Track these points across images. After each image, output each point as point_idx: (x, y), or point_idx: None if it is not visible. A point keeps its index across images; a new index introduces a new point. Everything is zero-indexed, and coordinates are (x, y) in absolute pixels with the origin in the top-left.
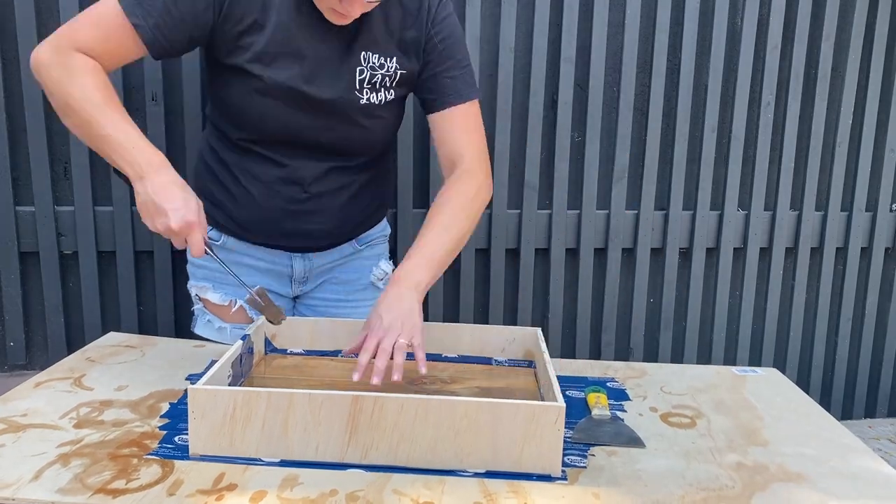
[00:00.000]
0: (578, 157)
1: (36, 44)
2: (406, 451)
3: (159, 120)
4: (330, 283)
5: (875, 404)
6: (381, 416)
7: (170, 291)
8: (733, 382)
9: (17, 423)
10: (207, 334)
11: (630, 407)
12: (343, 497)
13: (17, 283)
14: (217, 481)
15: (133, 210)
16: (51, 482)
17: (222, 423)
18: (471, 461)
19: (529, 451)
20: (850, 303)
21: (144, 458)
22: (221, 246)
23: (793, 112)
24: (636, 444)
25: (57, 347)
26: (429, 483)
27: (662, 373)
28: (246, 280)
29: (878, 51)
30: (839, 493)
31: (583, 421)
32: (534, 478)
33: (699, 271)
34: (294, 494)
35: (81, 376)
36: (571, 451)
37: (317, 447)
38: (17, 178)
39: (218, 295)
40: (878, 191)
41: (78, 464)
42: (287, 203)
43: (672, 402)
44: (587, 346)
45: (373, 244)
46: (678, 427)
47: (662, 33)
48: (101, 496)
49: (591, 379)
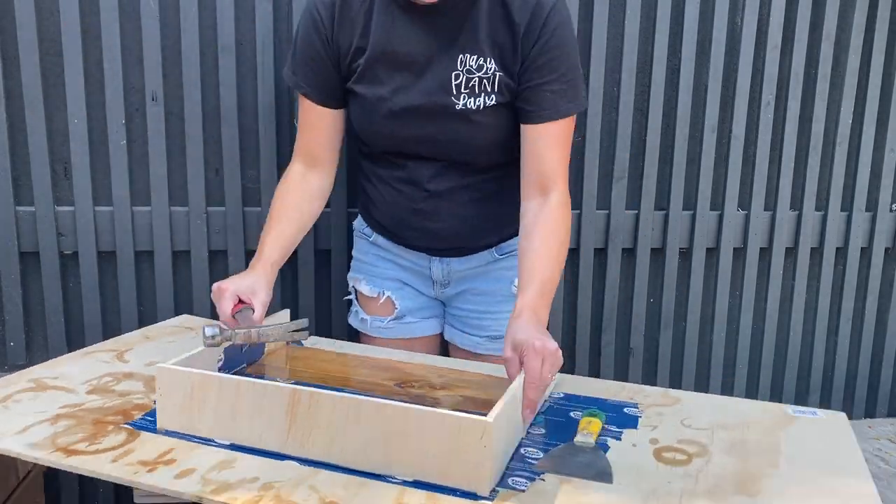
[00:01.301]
0: (578, 157)
1: (36, 44)
2: (339, 450)
3: (159, 120)
4: (471, 294)
5: (875, 404)
6: (316, 411)
7: (170, 291)
8: (775, 422)
9: (43, 384)
10: (354, 324)
11: (629, 436)
12: (258, 486)
13: (17, 283)
14: (162, 455)
15: (133, 210)
16: (30, 436)
17: (182, 403)
18: (400, 468)
19: (457, 466)
20: (849, 303)
21: (122, 426)
22: (373, 243)
23: (793, 112)
24: (603, 478)
25: (57, 347)
26: (349, 484)
27: (696, 404)
28: (390, 274)
29: (878, 51)
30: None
31: (560, 447)
32: (458, 493)
33: (699, 271)
34: (217, 476)
35: (126, 350)
36: (519, 472)
37: (260, 435)
38: (17, 178)
39: (368, 287)
40: (878, 191)
41: (63, 424)
42: (410, 202)
43: (682, 436)
44: (587, 346)
45: (515, 254)
46: (667, 464)
47: (662, 33)
48: (59, 454)
49: (610, 402)
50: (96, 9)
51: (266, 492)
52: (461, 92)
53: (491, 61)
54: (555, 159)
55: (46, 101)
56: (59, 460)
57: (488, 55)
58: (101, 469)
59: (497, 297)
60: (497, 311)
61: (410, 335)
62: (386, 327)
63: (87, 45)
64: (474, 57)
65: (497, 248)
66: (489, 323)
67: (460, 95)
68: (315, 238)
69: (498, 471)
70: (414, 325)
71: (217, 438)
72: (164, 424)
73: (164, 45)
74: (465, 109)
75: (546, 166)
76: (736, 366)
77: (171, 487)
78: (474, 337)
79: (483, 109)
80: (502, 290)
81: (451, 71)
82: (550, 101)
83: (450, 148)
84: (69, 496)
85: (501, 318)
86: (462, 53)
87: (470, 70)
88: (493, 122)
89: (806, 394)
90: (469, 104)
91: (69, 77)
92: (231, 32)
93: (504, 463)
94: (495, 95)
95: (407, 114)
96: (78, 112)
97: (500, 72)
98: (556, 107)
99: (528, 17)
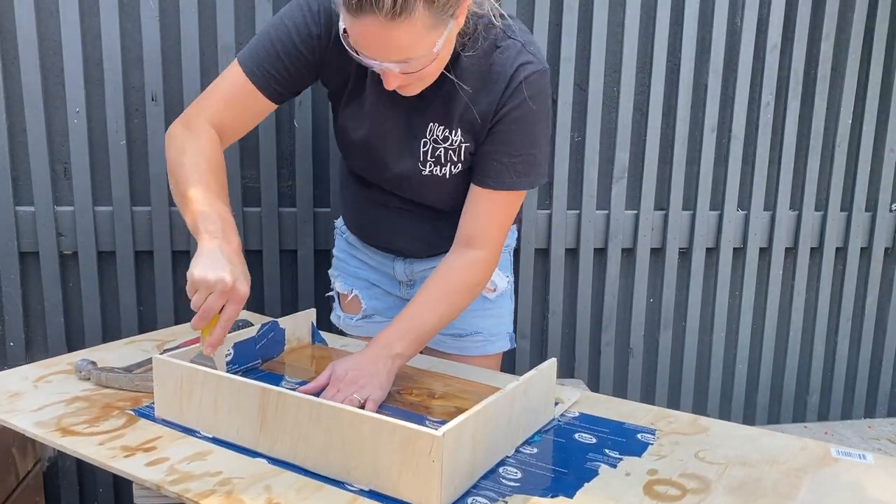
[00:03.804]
0: (578, 157)
1: (36, 43)
2: (304, 451)
3: (159, 120)
4: None
5: (875, 404)
6: (283, 411)
7: (170, 291)
8: (806, 463)
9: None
10: (333, 320)
11: (626, 464)
12: (216, 481)
13: (17, 283)
14: (146, 442)
15: (133, 210)
16: (41, 415)
17: (174, 394)
18: (357, 475)
19: (407, 479)
20: (849, 302)
21: (126, 412)
22: (347, 240)
23: (793, 112)
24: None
25: (57, 347)
26: (305, 488)
27: (724, 434)
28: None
29: (877, 51)
30: None
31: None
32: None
33: (699, 271)
34: (186, 467)
35: (169, 341)
36: (485, 492)
37: (237, 431)
38: (17, 178)
39: (340, 283)
40: (878, 191)
41: (75, 406)
42: (377, 217)
43: (687, 469)
44: (587, 346)
45: None
46: (654, 498)
47: (662, 33)
48: (58, 433)
49: (626, 426)
50: (96, 9)
51: (221, 487)
52: (427, 160)
53: (457, 133)
54: (489, 224)
55: (46, 101)
56: (54, 439)
57: (455, 127)
58: (84, 450)
59: None
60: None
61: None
62: (355, 325)
63: (87, 45)
64: (442, 128)
65: None
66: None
67: (426, 163)
68: (315, 238)
69: (455, 488)
70: (382, 325)
71: (202, 431)
72: (161, 413)
73: (164, 45)
74: (431, 176)
75: (478, 228)
76: (736, 365)
77: (136, 474)
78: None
79: (450, 177)
80: None
81: (421, 138)
82: (496, 171)
83: (414, 196)
84: (69, 496)
85: (465, 315)
86: (432, 122)
87: (437, 140)
88: (459, 182)
89: (806, 394)
90: (435, 171)
91: (69, 77)
92: (231, 32)
93: (468, 480)
94: (461, 164)
95: (377, 163)
96: (77, 112)
97: (465, 143)
98: (500, 178)
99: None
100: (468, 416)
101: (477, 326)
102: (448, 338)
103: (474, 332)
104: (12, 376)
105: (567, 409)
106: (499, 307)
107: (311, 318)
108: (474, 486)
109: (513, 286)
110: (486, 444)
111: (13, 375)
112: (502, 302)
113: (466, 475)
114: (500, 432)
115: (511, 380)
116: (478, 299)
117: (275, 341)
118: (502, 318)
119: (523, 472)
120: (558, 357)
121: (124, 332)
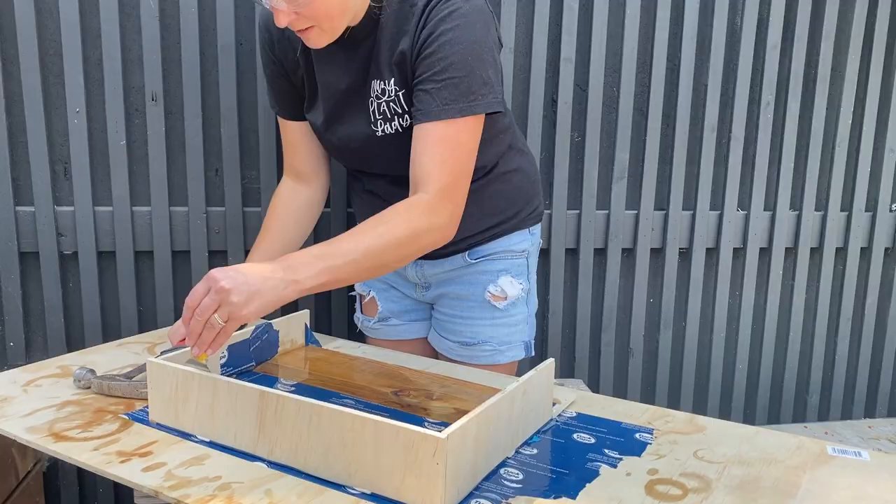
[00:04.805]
0: (578, 157)
1: (36, 44)
2: (304, 455)
3: (159, 120)
4: (448, 298)
5: (875, 404)
6: (283, 415)
7: (170, 291)
8: (804, 461)
9: (69, 371)
10: (355, 321)
11: (627, 464)
12: (216, 486)
13: (17, 283)
14: (142, 447)
15: (133, 210)
16: (32, 420)
17: (168, 398)
18: (358, 479)
19: (410, 482)
20: (849, 303)
21: (119, 416)
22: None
23: (793, 112)
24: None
25: (57, 347)
26: (306, 492)
27: (721, 434)
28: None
29: (877, 51)
30: None
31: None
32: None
33: (699, 271)
34: (184, 472)
35: (159, 343)
36: (488, 494)
37: (235, 435)
38: (17, 178)
39: (360, 284)
40: (878, 191)
41: (67, 411)
42: (372, 209)
43: (687, 468)
44: (587, 347)
45: (493, 259)
46: (656, 498)
47: (662, 33)
48: (51, 439)
49: (624, 426)
50: (96, 9)
51: (221, 492)
52: (377, 119)
53: (391, 83)
54: (428, 163)
55: (46, 101)
56: (47, 445)
57: (388, 76)
58: (79, 456)
59: (470, 303)
60: (468, 316)
61: (396, 337)
62: (372, 328)
63: (87, 45)
64: (379, 82)
65: (469, 253)
66: (461, 328)
67: (377, 122)
68: (315, 238)
69: (459, 490)
70: (399, 328)
71: (198, 435)
72: (156, 417)
73: (164, 45)
74: (385, 135)
75: (419, 168)
76: (735, 365)
77: (134, 479)
78: (447, 341)
79: (402, 132)
80: (476, 296)
81: (367, 99)
82: (423, 102)
83: (387, 167)
84: (69, 496)
85: (475, 324)
86: (374, 80)
87: (378, 96)
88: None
89: (806, 394)
90: (387, 129)
91: (69, 77)
92: (231, 32)
93: (470, 483)
94: (407, 115)
95: (342, 142)
96: (77, 112)
97: (401, 91)
98: (427, 108)
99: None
100: (471, 417)
101: (486, 335)
102: (456, 346)
103: (483, 341)
104: (0, 380)
105: (564, 409)
106: (510, 315)
107: (304, 319)
108: (476, 487)
109: (534, 291)
110: (487, 446)
111: (1, 379)
112: (514, 310)
113: (469, 477)
114: (501, 433)
115: (508, 380)
116: (486, 307)
117: (269, 343)
118: (515, 326)
119: (525, 473)
120: (558, 357)
121: (124, 332)
